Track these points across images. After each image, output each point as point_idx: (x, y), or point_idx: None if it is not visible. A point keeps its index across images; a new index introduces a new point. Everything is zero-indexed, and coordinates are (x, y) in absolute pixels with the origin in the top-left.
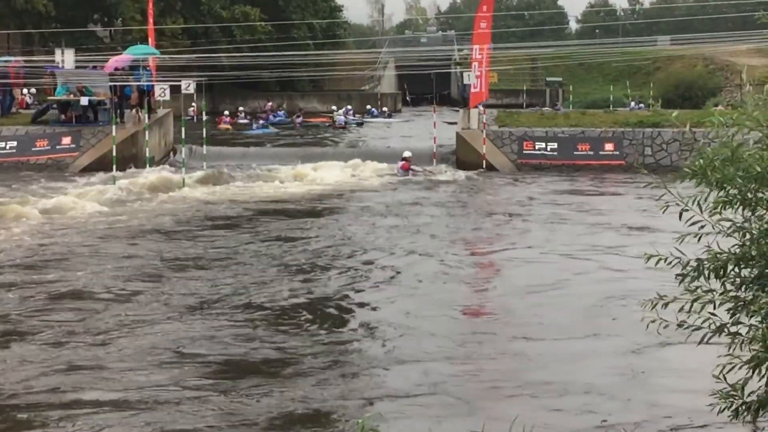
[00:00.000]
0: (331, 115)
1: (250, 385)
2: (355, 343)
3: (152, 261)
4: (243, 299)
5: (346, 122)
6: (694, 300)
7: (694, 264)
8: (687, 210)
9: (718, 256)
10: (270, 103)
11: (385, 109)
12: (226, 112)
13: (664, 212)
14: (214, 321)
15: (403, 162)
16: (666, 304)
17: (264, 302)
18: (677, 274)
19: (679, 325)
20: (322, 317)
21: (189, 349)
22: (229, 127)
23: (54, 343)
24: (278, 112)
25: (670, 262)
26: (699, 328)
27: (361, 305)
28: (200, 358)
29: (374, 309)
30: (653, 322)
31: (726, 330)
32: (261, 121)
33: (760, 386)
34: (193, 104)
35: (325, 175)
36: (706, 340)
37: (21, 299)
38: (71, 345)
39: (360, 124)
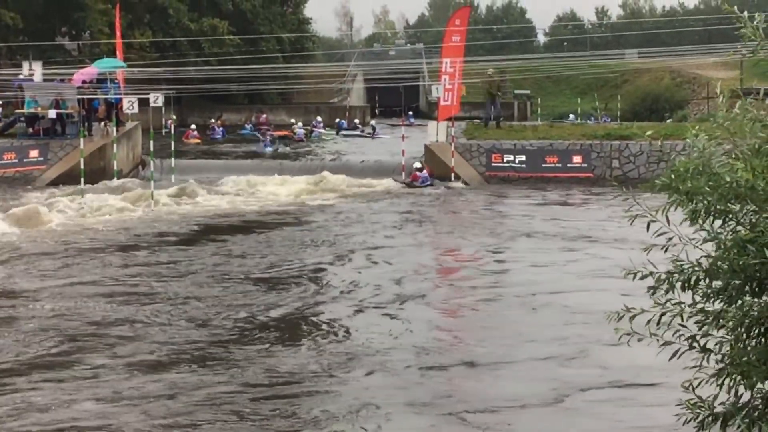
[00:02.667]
0: (291, 128)
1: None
2: (322, 352)
3: (119, 275)
4: (209, 311)
5: (305, 135)
6: (663, 313)
7: (664, 277)
8: (654, 221)
9: (685, 269)
10: (264, 116)
11: (356, 121)
12: (193, 126)
13: (631, 223)
14: (182, 334)
15: (415, 172)
16: (633, 317)
17: (236, 314)
18: (649, 287)
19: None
20: (295, 331)
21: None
22: (198, 140)
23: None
24: (246, 126)
25: (643, 276)
26: (670, 343)
27: (328, 313)
28: (162, 372)
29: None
30: (627, 335)
31: (697, 344)
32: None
33: (728, 398)
34: (173, 116)
35: (292, 188)
36: (678, 356)
37: None
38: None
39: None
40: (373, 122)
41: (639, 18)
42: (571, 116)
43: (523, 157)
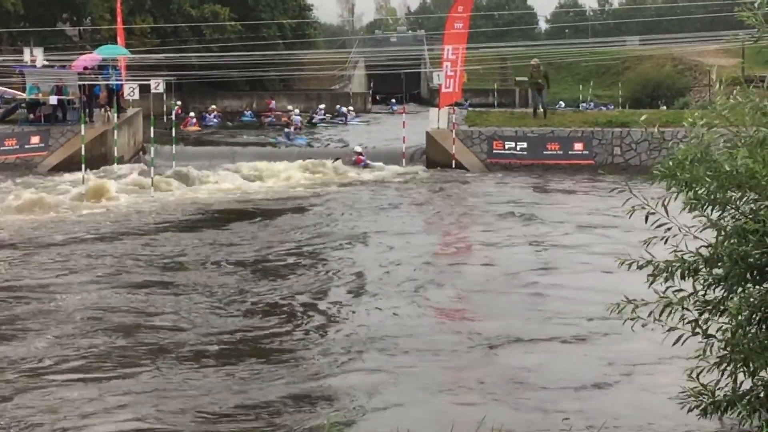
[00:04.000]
0: (288, 115)
1: (219, 380)
2: (320, 340)
3: (122, 262)
4: (224, 301)
5: (302, 122)
6: (666, 305)
7: (663, 266)
8: (653, 213)
9: (686, 258)
10: (273, 102)
11: (346, 109)
12: (192, 114)
13: (630, 216)
14: (187, 322)
15: (357, 156)
16: (634, 308)
17: (249, 302)
18: (649, 274)
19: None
20: (293, 318)
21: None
22: (197, 128)
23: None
24: (245, 113)
25: (641, 265)
26: (675, 329)
27: (328, 303)
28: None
29: (340, 307)
30: (632, 320)
31: (700, 330)
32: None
33: (727, 384)
34: (178, 102)
35: (290, 174)
36: (682, 341)
37: None
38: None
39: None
40: (343, 109)
41: (641, 5)
42: (561, 103)
43: (525, 144)
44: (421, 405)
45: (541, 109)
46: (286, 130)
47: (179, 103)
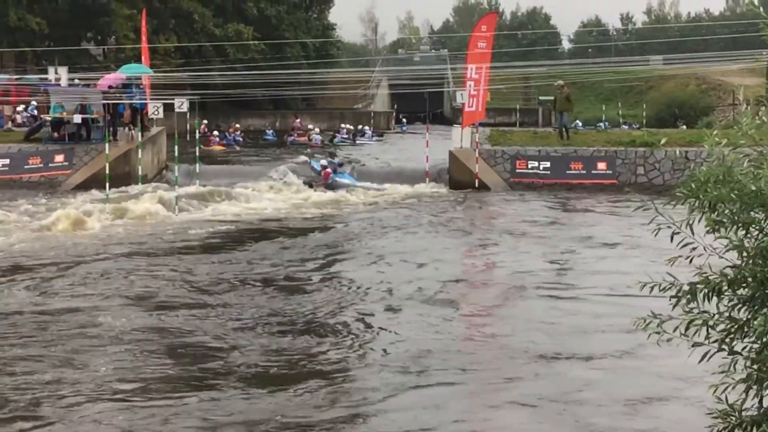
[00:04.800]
0: (308, 134)
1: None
2: (362, 358)
3: (150, 282)
4: (241, 315)
5: (322, 141)
6: (690, 321)
7: (687, 288)
8: (678, 233)
9: (710, 279)
10: (298, 120)
11: (355, 128)
12: (216, 132)
13: (656, 235)
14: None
15: (325, 171)
16: (660, 323)
17: (269, 320)
18: (671, 296)
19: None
20: (331, 336)
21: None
22: (221, 147)
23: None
24: (267, 132)
25: (664, 288)
26: (700, 344)
27: (362, 321)
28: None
29: (374, 324)
30: (657, 334)
31: (726, 347)
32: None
33: (753, 404)
34: (204, 121)
35: (315, 193)
36: (708, 357)
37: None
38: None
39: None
40: (349, 127)
41: (664, 24)
42: (578, 122)
43: (548, 164)
44: (483, 422)
45: (564, 131)
46: (307, 150)
47: (205, 122)
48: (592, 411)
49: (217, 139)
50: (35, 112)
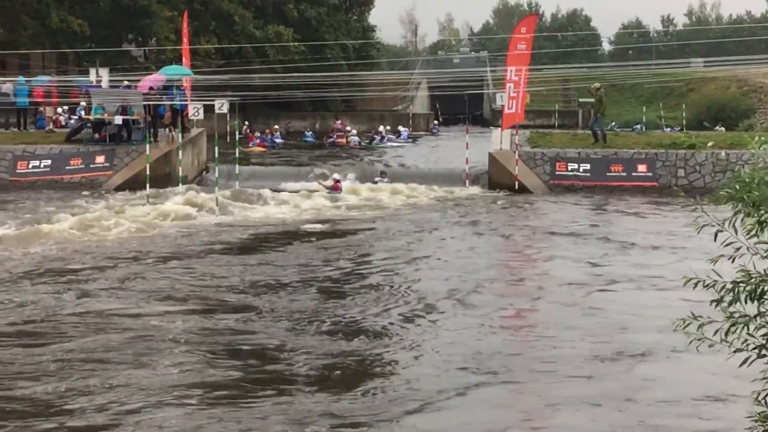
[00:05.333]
0: (346, 136)
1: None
2: (417, 358)
3: (196, 284)
4: (290, 318)
5: (360, 142)
6: (732, 324)
7: (730, 287)
8: (722, 231)
9: (753, 278)
10: (339, 122)
11: (385, 129)
12: (257, 134)
13: (698, 233)
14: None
15: (335, 183)
16: (700, 326)
17: (317, 323)
18: (713, 300)
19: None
20: (380, 338)
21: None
22: (262, 149)
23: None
24: (306, 133)
25: (708, 285)
26: (741, 350)
27: (408, 322)
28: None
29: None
30: (699, 340)
31: (767, 352)
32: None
33: None
34: (246, 122)
35: (355, 195)
36: (748, 363)
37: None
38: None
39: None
40: (381, 128)
41: (705, 26)
42: (613, 124)
43: (588, 166)
44: (548, 421)
45: (600, 133)
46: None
47: (247, 123)
48: (653, 410)
49: (258, 140)
50: (83, 113)
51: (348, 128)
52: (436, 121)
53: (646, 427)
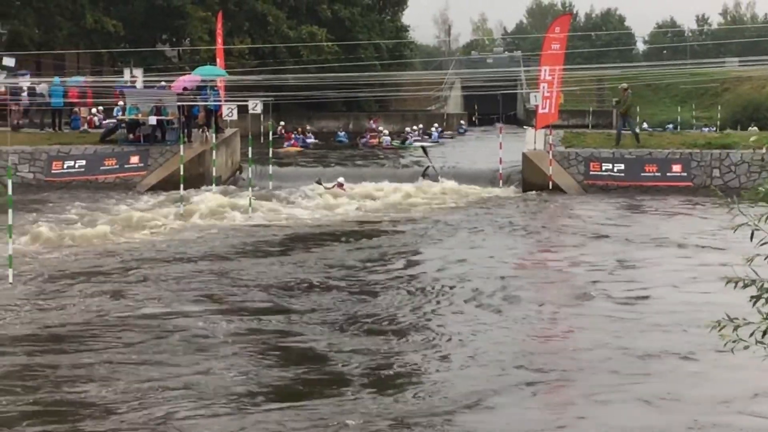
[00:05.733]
0: (378, 135)
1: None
2: (468, 357)
3: (226, 284)
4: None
5: (391, 141)
6: None
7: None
8: (758, 230)
9: None
10: (372, 122)
11: (411, 128)
12: (294, 134)
13: (735, 232)
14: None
15: (340, 185)
16: (736, 328)
17: (356, 323)
18: (751, 296)
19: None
20: (419, 338)
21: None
22: (297, 149)
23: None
24: (339, 133)
25: (747, 284)
26: None
27: (446, 322)
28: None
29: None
30: (734, 342)
31: None
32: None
33: None
34: (282, 123)
35: (390, 195)
36: None
37: (88, 316)
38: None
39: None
40: (407, 129)
41: (740, 25)
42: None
43: (622, 166)
44: (605, 419)
45: (633, 134)
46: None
47: (282, 123)
48: (704, 408)
49: (293, 140)
50: (120, 114)
51: (381, 128)
52: (462, 121)
53: (701, 425)
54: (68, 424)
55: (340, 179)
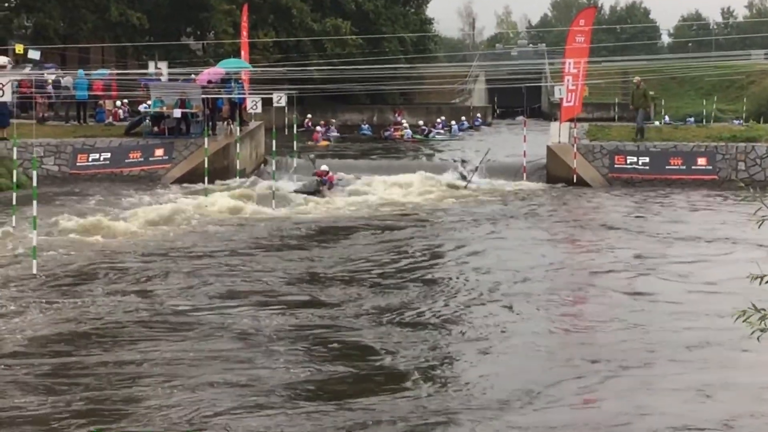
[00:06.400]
0: (401, 128)
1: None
2: (509, 352)
3: (255, 278)
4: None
5: (412, 135)
6: None
7: None
8: None
9: None
10: (398, 114)
11: (435, 122)
12: (319, 128)
13: (760, 226)
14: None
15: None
16: (762, 318)
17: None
18: None
19: None
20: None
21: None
22: (328, 142)
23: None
24: (362, 126)
25: None
26: None
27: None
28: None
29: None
30: (762, 331)
31: None
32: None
33: None
34: (309, 115)
35: (412, 188)
36: None
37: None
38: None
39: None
40: (420, 122)
41: (765, 18)
42: (666, 117)
43: (647, 159)
44: (661, 408)
45: (637, 127)
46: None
47: (309, 116)
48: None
49: (321, 135)
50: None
51: (403, 121)
52: (479, 114)
53: (763, 413)
54: (116, 423)
55: (324, 167)
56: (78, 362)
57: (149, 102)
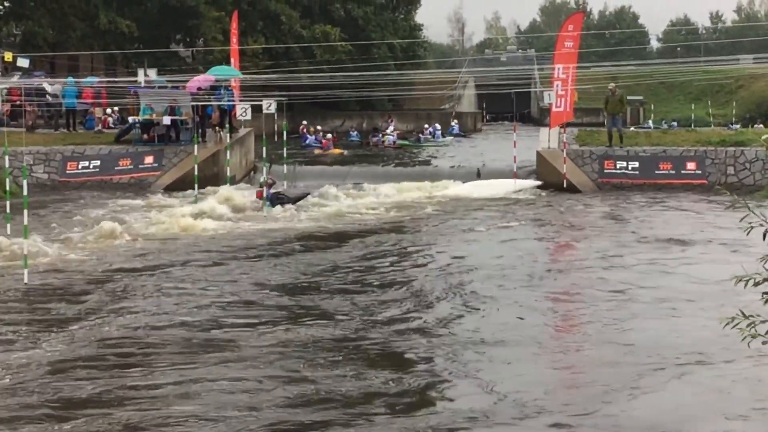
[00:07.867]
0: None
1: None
2: (518, 353)
3: (251, 286)
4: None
5: (395, 141)
6: None
7: None
8: None
9: None
10: (391, 119)
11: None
12: (329, 135)
13: (748, 234)
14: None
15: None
16: (750, 324)
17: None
18: (764, 293)
19: None
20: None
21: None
22: (339, 151)
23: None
24: (351, 133)
25: (758, 282)
26: None
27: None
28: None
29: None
30: (753, 338)
31: None
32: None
33: None
34: (304, 122)
35: (402, 194)
36: None
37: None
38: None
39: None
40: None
41: (754, 22)
42: (650, 122)
43: (636, 164)
44: (708, 407)
45: (617, 134)
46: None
47: (304, 122)
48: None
49: (313, 140)
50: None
51: (390, 127)
52: (454, 122)
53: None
54: None
55: (263, 178)
56: (67, 375)
57: (138, 117)
